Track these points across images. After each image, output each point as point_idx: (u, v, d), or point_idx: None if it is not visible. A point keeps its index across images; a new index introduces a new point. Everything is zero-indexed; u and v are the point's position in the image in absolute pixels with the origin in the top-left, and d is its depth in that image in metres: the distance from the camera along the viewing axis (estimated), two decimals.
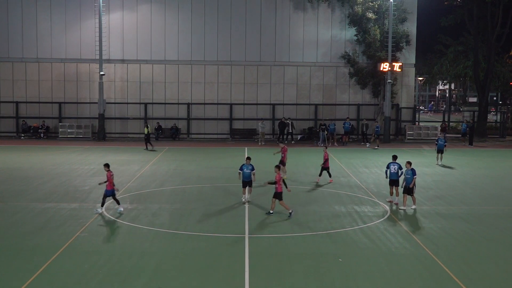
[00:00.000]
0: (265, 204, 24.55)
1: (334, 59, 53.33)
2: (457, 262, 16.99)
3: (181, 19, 52.62)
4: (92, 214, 22.36)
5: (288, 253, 17.76)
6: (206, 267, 16.38)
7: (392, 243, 19.07)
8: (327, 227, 20.91)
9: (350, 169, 34.67)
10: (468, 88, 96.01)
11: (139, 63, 52.85)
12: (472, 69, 62.02)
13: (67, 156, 39.29)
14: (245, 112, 53.37)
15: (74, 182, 29.29)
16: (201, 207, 23.99)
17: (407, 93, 54.86)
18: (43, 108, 52.95)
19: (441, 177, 32.57)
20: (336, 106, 53.69)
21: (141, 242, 18.83)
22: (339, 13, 52.95)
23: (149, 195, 26.48)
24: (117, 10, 52.36)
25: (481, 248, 18.74)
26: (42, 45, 52.67)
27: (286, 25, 52.97)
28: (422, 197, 26.53)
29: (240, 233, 19.93)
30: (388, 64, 49.75)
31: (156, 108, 53.07)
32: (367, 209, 24.00)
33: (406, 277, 15.84)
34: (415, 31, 53.62)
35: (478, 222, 22.04)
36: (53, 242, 18.53)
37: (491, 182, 31.35)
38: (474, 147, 48.80)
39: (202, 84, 53.10)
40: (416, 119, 57.47)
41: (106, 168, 22.64)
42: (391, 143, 50.47)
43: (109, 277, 15.48)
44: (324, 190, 28.00)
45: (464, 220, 22.36)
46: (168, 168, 34.07)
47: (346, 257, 17.42)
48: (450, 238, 19.78)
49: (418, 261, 17.12)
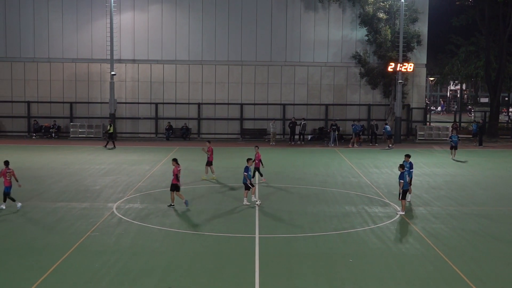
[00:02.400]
0: (276, 204, 24.59)
1: (345, 59, 53.22)
2: (468, 263, 16.92)
3: (191, 19, 52.69)
4: (103, 213, 22.42)
5: (298, 253, 17.74)
6: (216, 267, 16.39)
7: (403, 243, 19.03)
8: (338, 228, 20.88)
9: (360, 170, 34.60)
10: (480, 88, 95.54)
11: (150, 63, 52.95)
12: (483, 69, 61.72)
13: (78, 156, 39.43)
14: (255, 112, 53.36)
15: (85, 182, 29.38)
16: (211, 207, 24.01)
17: (418, 93, 54.66)
18: (54, 108, 53.15)
19: (452, 177, 32.45)
20: (347, 106, 53.58)
21: (152, 241, 18.87)
22: (350, 13, 52.85)
23: (160, 195, 26.52)
24: (128, 10, 52.50)
25: (493, 249, 18.65)
26: (53, 45, 52.88)
27: (297, 25, 52.93)
28: (433, 198, 26.45)
29: (250, 233, 19.92)
30: (399, 64, 49.59)
31: (166, 108, 53.16)
32: (377, 209, 23.94)
33: (417, 278, 15.78)
34: (426, 31, 53.41)
35: (489, 223, 21.94)
36: (64, 241, 18.60)
37: (502, 183, 31.21)
38: (484, 148, 48.58)
39: (213, 84, 53.15)
40: (427, 120, 57.25)
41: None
42: (402, 143, 50.31)
43: (119, 276, 15.53)
44: (335, 191, 27.95)
45: (475, 221, 22.26)
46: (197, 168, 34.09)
47: (357, 258, 17.38)
48: (461, 239, 19.70)
49: (429, 262, 17.05)
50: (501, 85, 59.60)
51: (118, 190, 27.36)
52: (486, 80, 60.38)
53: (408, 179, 23.89)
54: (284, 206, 24.39)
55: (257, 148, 29.85)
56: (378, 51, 52.18)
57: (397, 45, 50.60)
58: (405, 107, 53.21)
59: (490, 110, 59.71)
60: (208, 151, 30.67)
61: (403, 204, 23.33)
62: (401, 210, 23.26)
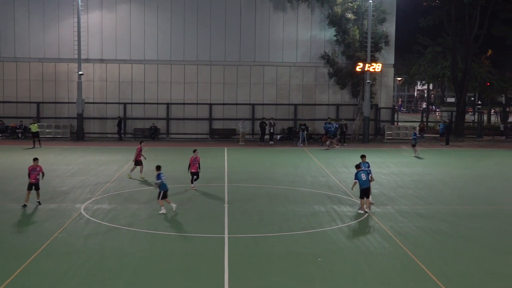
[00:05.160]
0: (245, 204, 24.63)
1: (313, 59, 53.46)
2: (435, 261, 17.12)
3: (160, 19, 52.44)
4: (71, 214, 22.21)
5: (268, 253, 17.78)
6: (186, 267, 16.35)
7: (371, 242, 19.18)
8: (307, 227, 20.96)
9: (329, 169, 34.77)
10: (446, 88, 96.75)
11: (118, 63, 52.56)
12: (450, 69, 62.57)
13: (45, 156, 38.89)
14: (224, 112, 53.32)
15: (52, 183, 29.02)
16: (180, 207, 23.91)
17: (386, 93, 55.16)
18: (21, 108, 52.47)
19: (420, 176, 32.79)
20: (316, 106, 53.83)
21: (120, 242, 18.75)
22: (318, 13, 53.09)
23: (128, 195, 26.37)
24: (96, 10, 52.04)
25: (459, 247, 18.91)
26: (20, 45, 52.20)
27: (266, 25, 53.02)
28: (401, 196, 26.72)
29: (219, 233, 19.91)
30: (367, 65, 49.97)
31: (135, 108, 52.83)
32: (346, 208, 24.09)
33: (385, 276, 15.94)
34: (394, 32, 53.92)
35: (456, 222, 22.22)
36: (31, 243, 18.37)
37: (469, 182, 31.64)
38: (451, 147, 49.23)
39: (182, 84, 52.97)
40: (395, 119, 57.81)
41: None
42: (370, 143, 50.74)
43: (88, 278, 15.38)
44: (304, 190, 28.06)
45: (442, 219, 22.52)
46: (147, 169, 33.83)
47: (325, 257, 17.48)
48: (428, 237, 19.93)
49: (397, 260, 17.23)
50: (467, 85, 60.45)
51: (86, 190, 27.13)
52: (453, 80, 61.22)
53: (366, 177, 23.25)
54: (253, 206, 24.42)
55: (196, 152, 28.51)
56: (346, 51, 52.51)
57: (365, 45, 50.99)
58: (373, 107, 53.65)
59: (457, 110, 60.54)
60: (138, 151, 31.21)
61: (361, 203, 23.35)
62: (360, 209, 23.32)
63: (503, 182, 31.97)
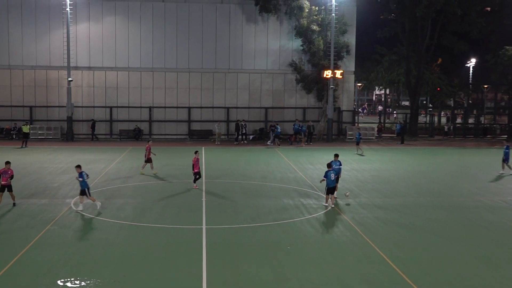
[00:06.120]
0: (221, 198, 24.57)
1: (282, 66, 53.54)
2: (391, 248, 17.26)
3: (143, 30, 52.10)
4: (61, 208, 21.96)
5: (242, 243, 17.76)
6: (166, 257, 16.26)
7: (335, 231, 19.27)
8: (277, 218, 20.98)
9: (297, 166, 34.86)
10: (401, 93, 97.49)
11: (104, 70, 52.11)
12: (404, 76, 63.06)
13: (37, 156, 38.49)
14: (202, 115, 53.16)
15: (44, 180, 28.72)
16: (162, 201, 23.81)
17: (347, 98, 55.48)
18: (15, 112, 51.74)
19: (378, 172, 33.03)
20: (284, 109, 53.94)
21: (107, 234, 18.58)
22: (286, 25, 53.17)
23: (114, 191, 26.15)
24: (84, 21, 51.52)
25: (412, 235, 19.08)
26: (13, 53, 51.48)
27: (239, 36, 52.96)
28: (361, 190, 26.87)
29: (198, 224, 19.84)
30: (330, 72, 50.20)
31: (120, 111, 52.43)
32: (312, 201, 24.16)
33: (347, 261, 16.03)
34: (354, 42, 54.23)
35: (410, 212, 22.42)
36: (25, 235, 18.14)
37: (422, 176, 31.93)
38: (405, 145, 49.66)
39: (163, 89, 52.70)
40: (355, 121, 58.15)
41: None
42: (333, 142, 51.01)
43: (77, 267, 15.22)
44: (274, 185, 28.09)
45: (398, 210, 22.72)
46: (132, 166, 33.70)
47: (294, 245, 17.52)
48: (385, 226, 20.09)
49: (357, 247, 17.34)
50: (420, 90, 61.03)
51: (76, 187, 26.74)
52: (407, 86, 61.76)
53: (334, 177, 23.06)
54: (228, 199, 24.39)
55: (197, 153, 27.24)
56: (312, 60, 52.67)
57: (328, 54, 51.17)
58: (336, 109, 53.92)
59: (411, 112, 61.09)
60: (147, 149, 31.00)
61: (326, 198, 23.22)
62: (325, 202, 23.28)
63: (451, 177, 32.33)
